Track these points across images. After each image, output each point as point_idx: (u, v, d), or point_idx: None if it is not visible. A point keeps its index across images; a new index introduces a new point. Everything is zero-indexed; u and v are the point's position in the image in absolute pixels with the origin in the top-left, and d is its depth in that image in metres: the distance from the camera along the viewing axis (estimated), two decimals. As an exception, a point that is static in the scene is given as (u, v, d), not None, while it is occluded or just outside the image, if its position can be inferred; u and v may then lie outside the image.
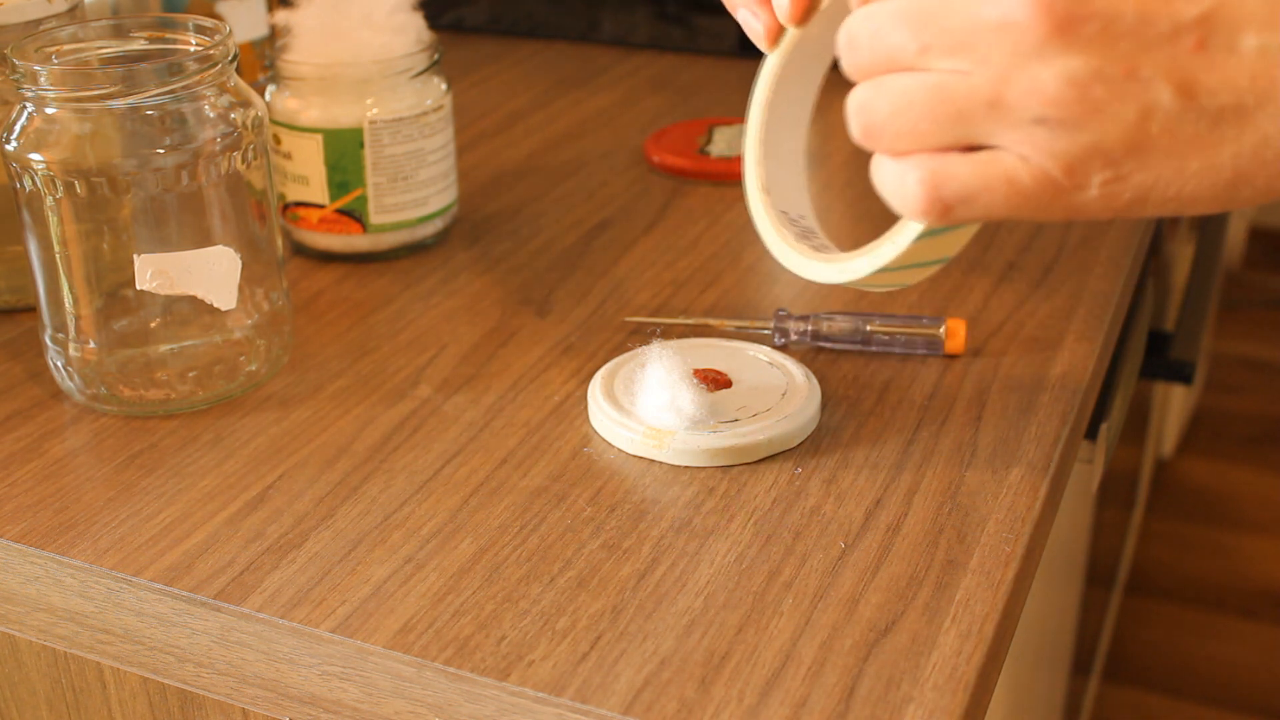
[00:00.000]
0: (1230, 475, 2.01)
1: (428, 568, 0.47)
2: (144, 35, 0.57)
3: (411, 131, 0.68)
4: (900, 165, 0.39)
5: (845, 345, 0.60)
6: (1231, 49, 0.34)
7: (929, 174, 0.38)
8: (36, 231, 0.55)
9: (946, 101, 0.37)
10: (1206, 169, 0.36)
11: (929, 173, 0.38)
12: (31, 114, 0.54)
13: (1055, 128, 0.36)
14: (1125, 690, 1.64)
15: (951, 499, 0.50)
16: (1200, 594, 1.78)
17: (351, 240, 0.69)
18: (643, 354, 0.56)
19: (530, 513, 0.50)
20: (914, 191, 0.38)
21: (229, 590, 0.46)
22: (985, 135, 0.37)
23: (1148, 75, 0.35)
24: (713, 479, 0.52)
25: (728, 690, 0.41)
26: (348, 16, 0.67)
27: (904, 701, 0.41)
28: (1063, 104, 0.35)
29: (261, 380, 0.59)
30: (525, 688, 0.42)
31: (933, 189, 0.38)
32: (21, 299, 0.66)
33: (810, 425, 0.54)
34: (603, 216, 0.75)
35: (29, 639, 0.51)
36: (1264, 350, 2.32)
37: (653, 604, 0.45)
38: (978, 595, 0.45)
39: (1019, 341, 0.61)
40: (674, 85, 0.98)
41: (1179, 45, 0.35)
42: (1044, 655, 0.99)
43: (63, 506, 0.51)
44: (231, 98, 0.56)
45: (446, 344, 0.62)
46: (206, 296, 0.56)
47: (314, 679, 0.45)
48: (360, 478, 0.52)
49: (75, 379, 0.57)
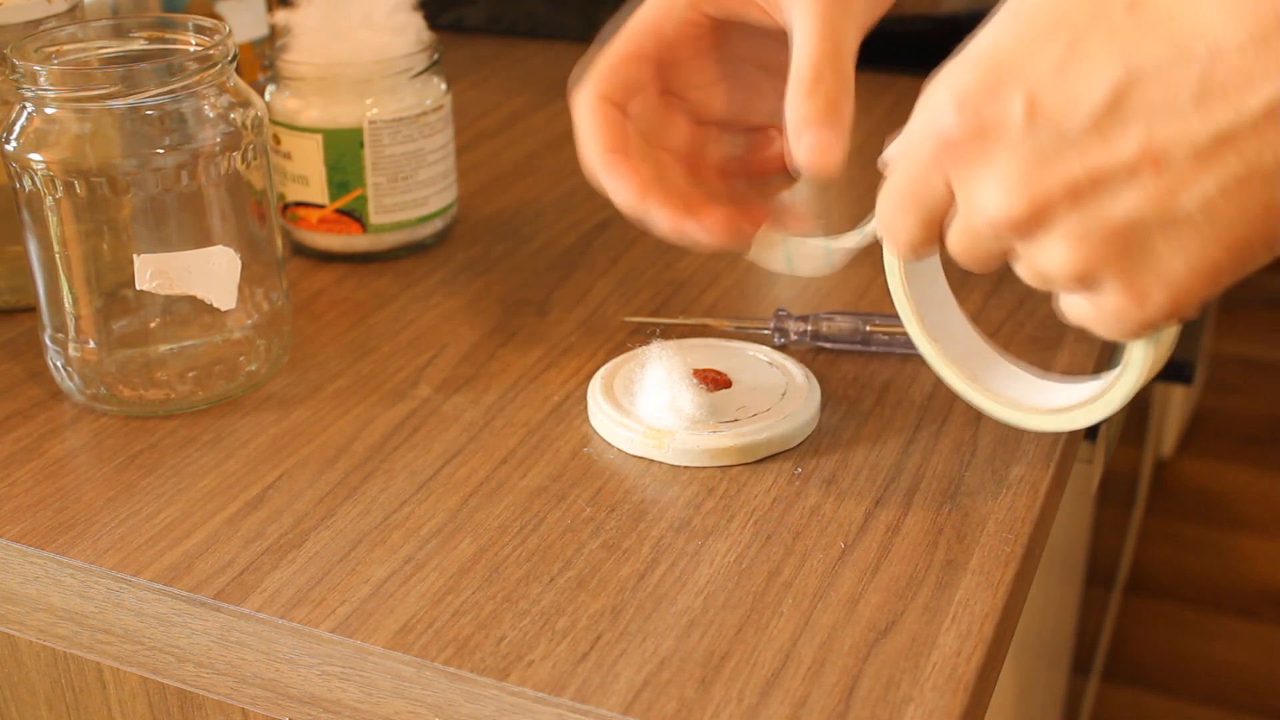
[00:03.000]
0: (1230, 475, 2.01)
1: (428, 568, 0.47)
2: (144, 35, 0.57)
3: (411, 131, 0.68)
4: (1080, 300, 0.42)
5: (845, 345, 0.60)
6: (1187, 152, 0.36)
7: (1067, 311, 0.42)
8: (36, 231, 0.55)
9: (1039, 282, 0.42)
10: (1233, 243, 0.37)
11: (1067, 309, 0.42)
12: (31, 114, 0.54)
13: (1091, 283, 0.39)
14: (1125, 690, 1.64)
15: (951, 499, 0.50)
16: (1199, 594, 1.78)
17: (351, 240, 0.69)
18: (643, 354, 0.56)
19: (530, 513, 0.50)
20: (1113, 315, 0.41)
21: (229, 590, 0.46)
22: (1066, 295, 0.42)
23: (1128, 218, 0.37)
24: (713, 479, 0.52)
25: (728, 690, 0.41)
26: (348, 16, 0.67)
27: (904, 701, 0.41)
28: (1079, 267, 0.39)
29: (261, 380, 0.59)
30: (525, 688, 0.42)
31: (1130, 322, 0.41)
32: (21, 299, 0.66)
33: (810, 425, 0.54)
34: (603, 216, 0.75)
35: (29, 639, 0.51)
36: (1264, 350, 2.31)
37: (653, 604, 0.45)
38: (977, 595, 0.45)
39: (1019, 341, 0.61)
40: (674, 85, 0.98)
41: (1140, 178, 0.36)
42: (1044, 655, 0.99)
43: (63, 506, 0.51)
44: (231, 98, 0.56)
45: (446, 344, 0.62)
46: (206, 296, 0.56)
47: (314, 679, 0.45)
48: (360, 478, 0.52)
49: (75, 379, 0.57)
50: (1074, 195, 0.37)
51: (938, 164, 0.41)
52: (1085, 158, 0.37)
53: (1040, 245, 0.39)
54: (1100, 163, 0.37)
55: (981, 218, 0.40)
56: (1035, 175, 0.38)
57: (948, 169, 0.40)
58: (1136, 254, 0.37)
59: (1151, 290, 0.38)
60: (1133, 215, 0.37)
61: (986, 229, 0.40)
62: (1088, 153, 0.37)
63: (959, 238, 0.42)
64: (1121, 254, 0.38)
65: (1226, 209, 0.36)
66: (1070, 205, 0.38)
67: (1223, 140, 0.35)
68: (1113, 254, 0.38)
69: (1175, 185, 0.36)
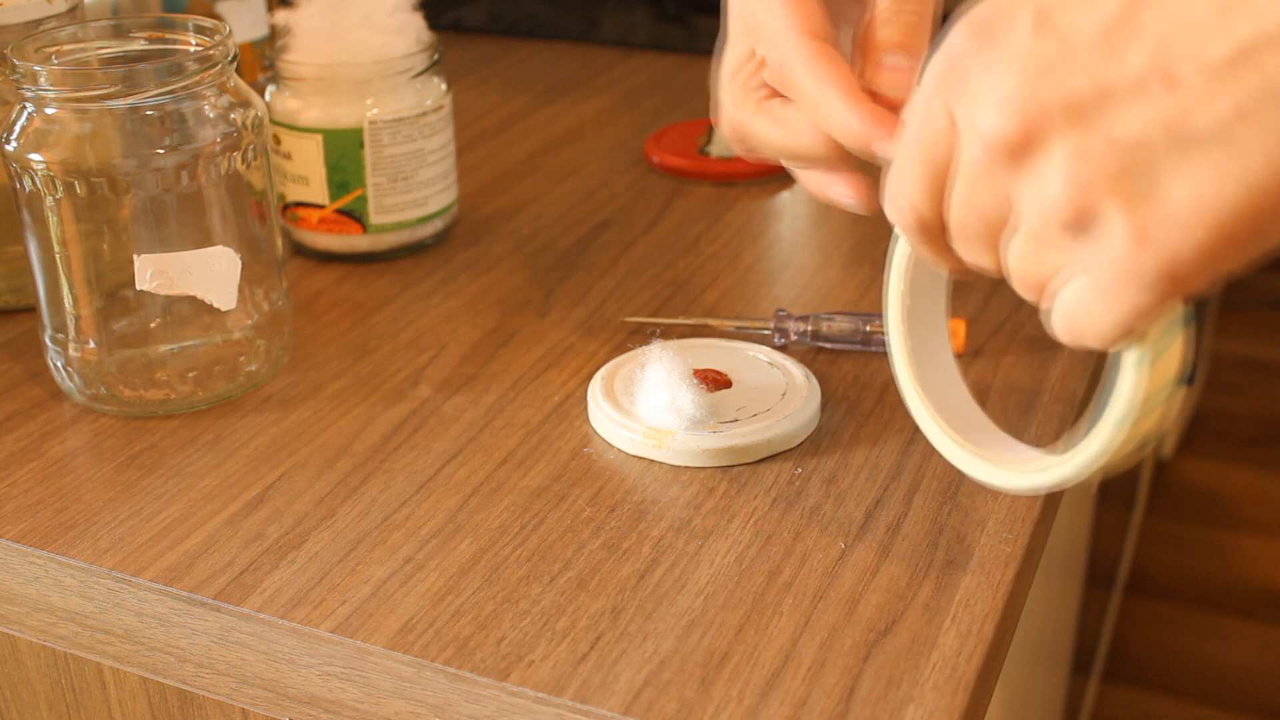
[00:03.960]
0: (1230, 476, 2.01)
1: (428, 568, 0.47)
2: (144, 35, 0.57)
3: (411, 131, 0.68)
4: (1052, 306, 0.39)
5: (845, 345, 0.60)
6: (1205, 66, 0.33)
7: (1054, 319, 0.38)
8: (36, 232, 0.55)
9: (1031, 254, 0.38)
10: (1249, 183, 0.34)
11: (1054, 317, 0.38)
12: (31, 114, 0.54)
13: (1082, 233, 0.36)
14: (1124, 690, 1.64)
15: (951, 499, 0.50)
16: (1199, 594, 1.78)
17: (351, 240, 0.69)
18: (643, 354, 0.56)
19: (530, 513, 0.50)
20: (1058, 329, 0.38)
21: (229, 590, 0.46)
22: (1061, 264, 0.37)
23: (1132, 135, 0.34)
24: (713, 479, 0.52)
25: (728, 690, 0.41)
26: (348, 16, 0.67)
27: (904, 701, 0.41)
28: (1077, 195, 0.35)
29: (261, 380, 0.59)
30: (525, 688, 0.42)
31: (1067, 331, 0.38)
32: (21, 299, 0.66)
33: (810, 425, 0.54)
34: (603, 216, 0.75)
35: (29, 639, 0.51)
36: (1264, 350, 2.31)
37: (653, 604, 0.45)
38: (977, 595, 0.45)
39: (1019, 342, 0.61)
40: (674, 85, 0.98)
41: (1148, 92, 0.34)
42: (1044, 655, 0.99)
43: (63, 506, 0.51)
44: (231, 98, 0.56)
45: (446, 344, 0.62)
46: (206, 297, 0.56)
47: (314, 679, 0.45)
48: (360, 478, 0.52)
49: (75, 379, 0.57)
50: (1075, 111, 0.34)
51: (940, 90, 0.38)
52: (1090, 70, 0.34)
53: (1037, 173, 0.36)
54: (1106, 75, 0.34)
55: (976, 143, 0.37)
56: (1033, 87, 0.35)
57: (949, 95, 0.38)
58: (1141, 181, 0.34)
59: (1155, 230, 0.34)
60: (1138, 135, 0.34)
61: (982, 157, 0.37)
62: (1093, 65, 0.34)
63: (957, 187, 0.39)
64: (1124, 178, 0.34)
65: (1244, 135, 0.33)
66: (1070, 121, 0.34)
67: (1242, 55, 0.32)
68: (1115, 178, 0.34)
69: (1188, 103, 0.33)
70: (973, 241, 0.40)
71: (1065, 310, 0.38)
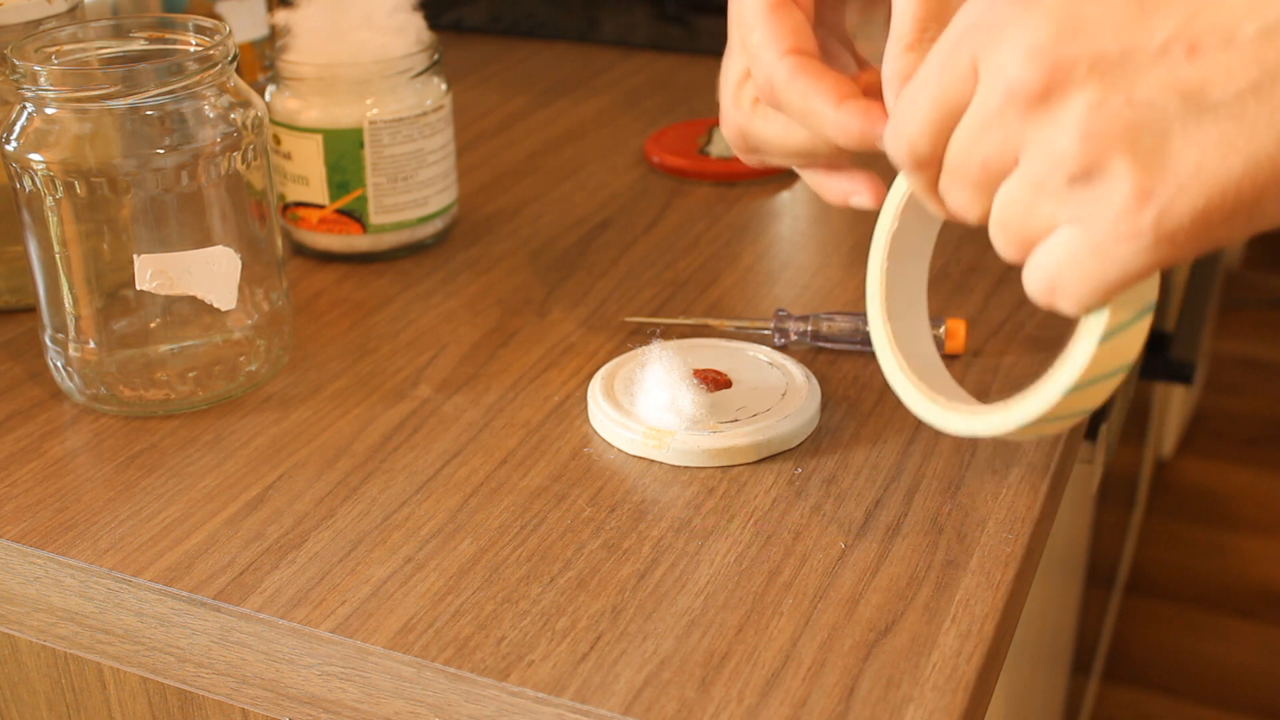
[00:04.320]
0: (1230, 476, 2.01)
1: (428, 568, 0.47)
2: (144, 35, 0.57)
3: (411, 131, 0.68)
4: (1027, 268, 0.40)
5: (845, 345, 0.60)
6: (1228, 42, 0.35)
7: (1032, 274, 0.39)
8: (36, 232, 0.55)
9: (1027, 203, 0.39)
10: (1253, 156, 0.35)
11: (1032, 271, 0.39)
12: (31, 114, 0.54)
13: (1085, 186, 0.37)
14: (1125, 690, 1.64)
15: (951, 499, 0.50)
16: (1199, 594, 1.79)
17: (351, 240, 0.69)
18: (643, 354, 0.56)
19: (530, 513, 0.50)
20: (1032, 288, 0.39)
21: (229, 590, 0.46)
22: (1054, 216, 0.38)
23: (1149, 97, 0.35)
24: (713, 479, 0.52)
25: (728, 690, 0.41)
26: (348, 16, 0.67)
27: (904, 701, 0.41)
28: (1089, 145, 0.36)
29: (261, 380, 0.59)
30: (525, 688, 0.42)
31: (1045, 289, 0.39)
32: (21, 299, 0.66)
33: (810, 425, 0.54)
34: (603, 216, 0.75)
35: (29, 639, 0.51)
36: (1264, 350, 2.32)
37: (653, 604, 0.45)
38: (977, 595, 0.45)
39: (1019, 341, 0.61)
40: (674, 85, 0.98)
41: (1170, 59, 0.35)
42: (1044, 655, 0.99)
43: (63, 506, 0.51)
44: (231, 98, 0.56)
45: (446, 344, 0.62)
46: (206, 297, 0.56)
47: (314, 679, 0.45)
48: (360, 478, 0.52)
49: (75, 379, 0.57)
50: (1099, 69, 0.36)
51: (967, 38, 0.39)
52: (1120, 33, 0.36)
53: (1053, 121, 0.37)
54: (1134, 39, 0.35)
55: (997, 87, 0.38)
56: (1064, 42, 0.36)
57: (976, 39, 0.39)
58: (1152, 142, 0.36)
59: (1158, 189, 0.36)
60: (1156, 97, 0.35)
61: (999, 102, 0.38)
62: (1124, 28, 0.36)
63: (963, 129, 0.40)
64: (1137, 136, 0.36)
65: (1256, 111, 0.34)
66: (1093, 77, 0.36)
67: (1266, 37, 0.34)
68: (1128, 135, 0.36)
69: (1208, 74, 0.35)
70: (966, 185, 0.41)
71: (1050, 264, 0.39)
